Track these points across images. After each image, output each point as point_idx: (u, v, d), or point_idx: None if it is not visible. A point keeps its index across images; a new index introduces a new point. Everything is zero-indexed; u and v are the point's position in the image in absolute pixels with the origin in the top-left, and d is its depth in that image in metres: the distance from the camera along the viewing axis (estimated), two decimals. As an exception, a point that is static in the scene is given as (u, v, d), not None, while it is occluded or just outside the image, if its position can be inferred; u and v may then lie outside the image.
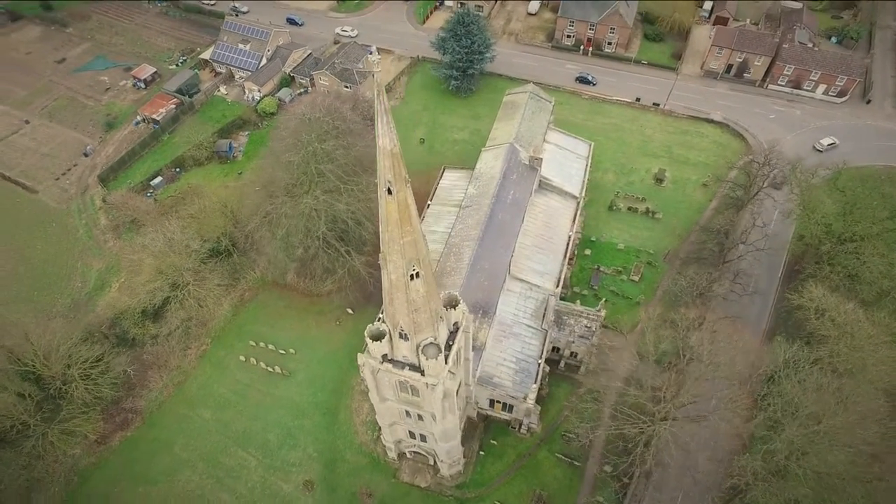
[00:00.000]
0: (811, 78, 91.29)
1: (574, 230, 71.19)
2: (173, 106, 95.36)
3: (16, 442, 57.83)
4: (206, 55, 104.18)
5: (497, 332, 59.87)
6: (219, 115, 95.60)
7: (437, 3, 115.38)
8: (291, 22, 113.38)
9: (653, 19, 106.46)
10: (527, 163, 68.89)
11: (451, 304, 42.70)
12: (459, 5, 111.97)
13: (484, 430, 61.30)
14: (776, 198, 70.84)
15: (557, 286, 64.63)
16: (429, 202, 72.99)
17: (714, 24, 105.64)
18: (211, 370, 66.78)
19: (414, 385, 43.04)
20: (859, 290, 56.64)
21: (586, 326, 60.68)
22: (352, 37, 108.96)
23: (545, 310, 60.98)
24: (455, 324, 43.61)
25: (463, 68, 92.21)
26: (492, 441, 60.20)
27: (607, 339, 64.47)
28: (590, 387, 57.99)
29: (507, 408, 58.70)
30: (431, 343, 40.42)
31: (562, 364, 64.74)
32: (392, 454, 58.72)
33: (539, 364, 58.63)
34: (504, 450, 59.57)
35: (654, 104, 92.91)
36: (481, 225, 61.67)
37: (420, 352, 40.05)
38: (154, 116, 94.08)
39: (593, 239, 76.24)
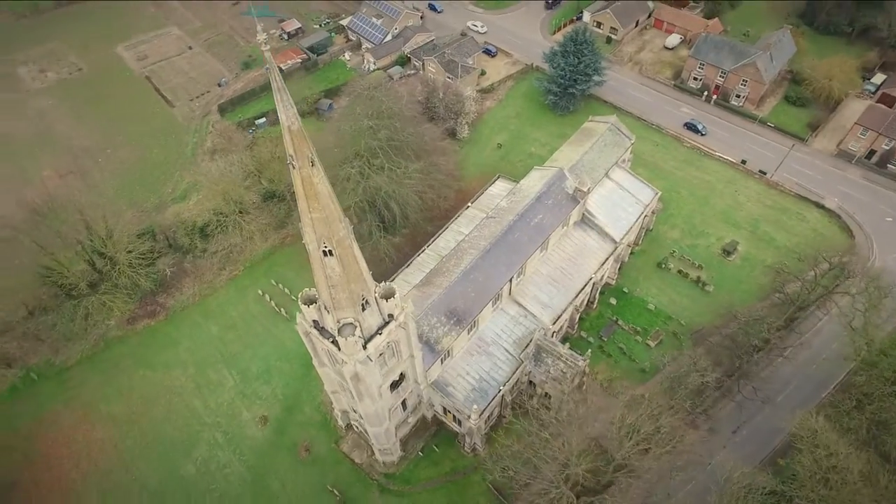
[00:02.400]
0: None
1: (601, 274, 67.70)
2: (300, 60, 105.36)
3: (75, 298, 69.96)
4: (345, 22, 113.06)
5: (473, 345, 59.58)
6: (333, 77, 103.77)
7: (575, 17, 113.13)
8: (431, 8, 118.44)
9: (801, 80, 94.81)
10: (570, 192, 66.46)
11: (386, 295, 43.82)
12: (595, 25, 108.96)
13: (433, 434, 61.60)
14: (843, 308, 60.88)
15: (555, 323, 62.34)
16: (469, 204, 73.69)
17: (878, 102, 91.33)
18: (233, 294, 74.40)
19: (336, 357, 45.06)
20: (885, 441, 47.42)
21: (562, 371, 57.87)
22: (480, 33, 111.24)
23: (530, 341, 59.35)
24: (390, 315, 44.68)
25: (564, 86, 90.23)
26: (434, 447, 60.31)
27: (594, 393, 61.20)
28: (542, 434, 55.22)
29: (458, 420, 58.42)
30: (350, 324, 42.05)
31: (534, 400, 62.38)
32: (341, 422, 61.56)
33: (500, 390, 57.50)
34: (442, 459, 59.45)
35: (759, 171, 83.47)
36: (492, 238, 61.09)
37: (338, 329, 41.89)
38: (280, 65, 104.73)
39: (625, 290, 71.52)
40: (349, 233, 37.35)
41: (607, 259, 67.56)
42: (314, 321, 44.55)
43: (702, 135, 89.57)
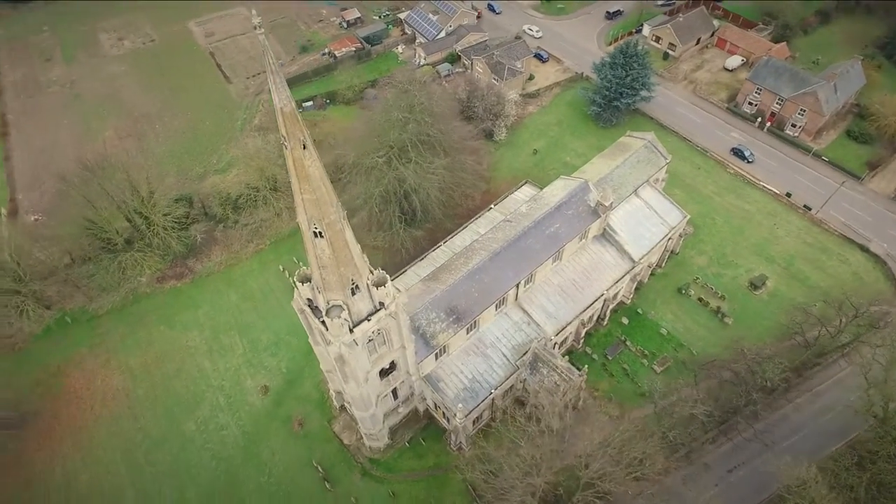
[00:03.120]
0: None
1: (614, 292, 66.41)
2: (353, 49, 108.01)
3: (113, 252, 74.85)
4: (402, 15, 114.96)
5: (471, 345, 59.81)
6: (384, 68, 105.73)
7: (634, 30, 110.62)
8: (490, 8, 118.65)
9: (868, 115, 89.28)
10: (592, 205, 65.42)
11: (378, 283, 44.79)
12: (654, 39, 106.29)
13: (423, 427, 62.30)
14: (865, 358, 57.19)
15: (558, 334, 61.77)
16: (492, 206, 73.79)
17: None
18: (256, 266, 77.48)
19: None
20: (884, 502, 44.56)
21: (556, 383, 57.25)
22: (535, 37, 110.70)
23: (528, 348, 59.08)
24: (381, 303, 45.64)
25: (609, 98, 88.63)
26: (422, 440, 61.01)
27: (590, 411, 60.56)
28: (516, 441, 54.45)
29: (447, 417, 58.86)
30: (338, 305, 43.29)
31: (527, 409, 61.98)
32: (336, 403, 63.22)
33: (491, 393, 57.57)
34: (427, 452, 60.09)
35: (804, 206, 79.34)
36: (504, 242, 61.00)
37: (326, 310, 43.22)
38: (335, 52, 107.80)
39: (639, 311, 69.80)
40: (341, 218, 38.52)
41: (622, 277, 66.21)
42: (308, 299, 46.07)
43: (748, 162, 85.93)
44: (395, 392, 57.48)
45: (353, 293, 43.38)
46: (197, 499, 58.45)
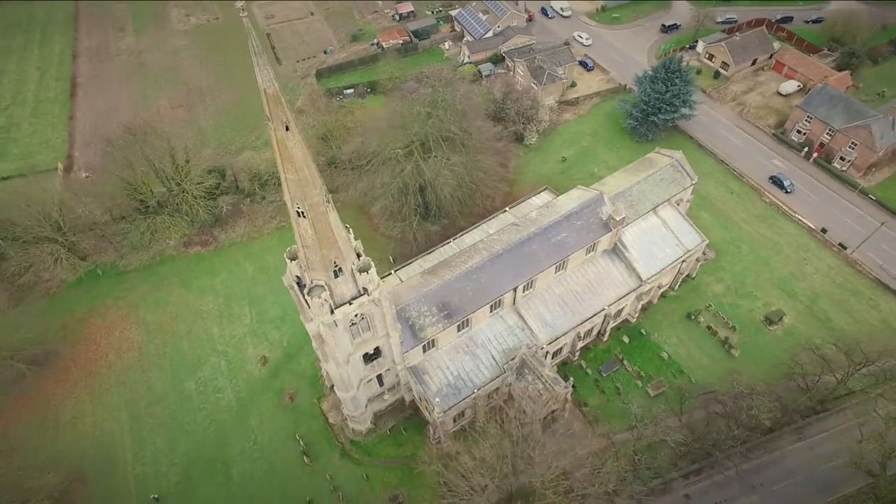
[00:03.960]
0: None
1: (616, 308, 65.22)
2: (401, 41, 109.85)
3: (146, 214, 79.52)
4: (454, 12, 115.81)
5: (461, 343, 60.21)
6: (426, 62, 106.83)
7: (688, 45, 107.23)
8: (544, 12, 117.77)
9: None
10: (604, 218, 64.35)
11: (363, 269, 45.95)
12: (707, 56, 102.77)
13: (407, 417, 63.25)
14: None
15: (550, 343, 61.35)
16: (507, 209, 73.69)
17: None
18: (275, 242, 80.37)
19: (309, 315, 48.01)
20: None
21: (539, 391, 56.91)
22: (584, 45, 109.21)
23: (517, 354, 58.98)
24: (364, 288, 46.82)
25: (647, 112, 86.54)
26: (403, 430, 62.00)
27: (571, 424, 60.11)
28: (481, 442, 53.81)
29: (429, 410, 59.58)
30: (320, 286, 44.77)
31: (512, 413, 61.84)
32: (327, 382, 65.06)
33: (474, 392, 57.88)
34: (407, 442, 61.02)
35: (839, 244, 75.09)
36: (506, 245, 60.97)
37: (308, 289, 44.79)
38: (383, 43, 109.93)
39: (643, 331, 68.19)
40: (325, 201, 39.86)
41: (627, 295, 64.93)
42: (298, 276, 47.77)
43: (787, 192, 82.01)
44: (380, 379, 58.76)
45: (336, 275, 44.76)
46: (185, 454, 61.63)
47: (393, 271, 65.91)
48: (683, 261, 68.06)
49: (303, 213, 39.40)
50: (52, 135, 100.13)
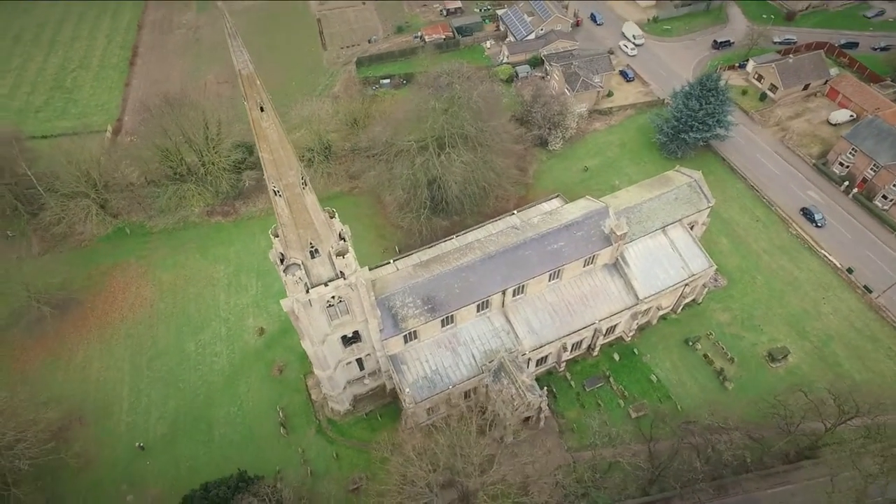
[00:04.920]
0: None
1: (608, 325, 64.08)
2: (443, 37, 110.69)
3: (176, 181, 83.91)
4: (500, 12, 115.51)
5: (444, 338, 60.71)
6: (465, 59, 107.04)
7: (738, 64, 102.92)
8: (592, 18, 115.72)
9: (982, 205, 77.18)
10: (605, 231, 63.18)
11: (340, 252, 47.19)
12: (756, 77, 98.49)
13: (386, 404, 64.39)
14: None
15: (533, 351, 61.02)
16: (515, 211, 73.36)
17: None
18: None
19: (289, 292, 49.72)
20: None
21: (511, 396, 56.76)
22: (629, 55, 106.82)
23: (496, 356, 59.03)
24: (341, 272, 48.10)
25: (677, 129, 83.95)
26: (379, 416, 63.22)
27: (552, 437, 59.80)
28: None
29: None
30: (296, 264, 46.37)
31: (487, 415, 61.97)
32: (315, 359, 67.04)
33: (448, 388, 58.41)
34: (380, 428, 61.93)
35: (864, 287, 70.77)
36: (501, 247, 60.86)
37: (285, 267, 46.50)
38: (426, 37, 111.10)
39: (635, 351, 66.64)
40: (301, 182, 41.26)
41: (621, 312, 63.66)
42: (281, 253, 49.56)
43: (817, 226, 77.83)
44: (360, 363, 60.15)
45: (313, 256, 46.23)
46: (175, 409, 65.12)
47: (392, 261, 67.01)
48: (687, 284, 65.98)
49: (278, 192, 40.92)
50: (107, 98, 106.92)
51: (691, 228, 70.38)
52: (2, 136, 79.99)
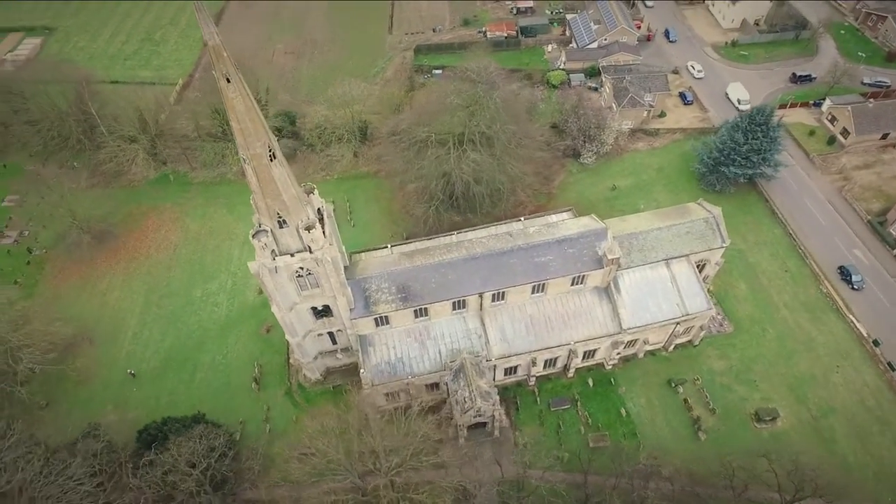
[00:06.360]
0: None
1: (585, 349, 62.46)
2: (505, 35, 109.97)
3: (219, 139, 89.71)
4: (570, 16, 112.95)
5: (416, 329, 61.41)
6: (525, 61, 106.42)
7: (813, 102, 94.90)
8: (666, 35, 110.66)
9: None
10: (599, 253, 61.20)
11: (307, 227, 49.13)
12: (829, 118, 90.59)
13: (356, 382, 66.20)
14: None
15: (500, 359, 60.66)
16: (523, 218, 72.52)
17: None
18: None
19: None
20: None
21: (466, 398, 56.87)
22: (695, 77, 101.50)
23: (460, 357, 59.28)
24: (309, 246, 50.17)
25: (717, 161, 79.17)
26: (345, 390, 65.08)
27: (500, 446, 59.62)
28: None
29: (367, 381, 62.13)
30: (264, 230, 48.85)
31: (441, 413, 62.38)
32: (301, 326, 70.04)
33: (407, 378, 59.46)
34: (342, 403, 63.95)
35: (888, 363, 64.12)
36: (487, 250, 60.58)
37: (255, 232, 49.14)
38: (488, 32, 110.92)
39: (612, 381, 64.40)
40: (268, 154, 43.35)
41: (600, 338, 61.72)
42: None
43: (852, 288, 71.14)
44: (333, 337, 62.37)
45: (281, 226, 48.53)
46: (169, 346, 70.50)
47: (389, 246, 68.47)
48: (678, 323, 62.73)
49: (246, 160, 43.32)
50: (186, 55, 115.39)
51: (702, 267, 66.87)
52: (76, 77, 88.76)
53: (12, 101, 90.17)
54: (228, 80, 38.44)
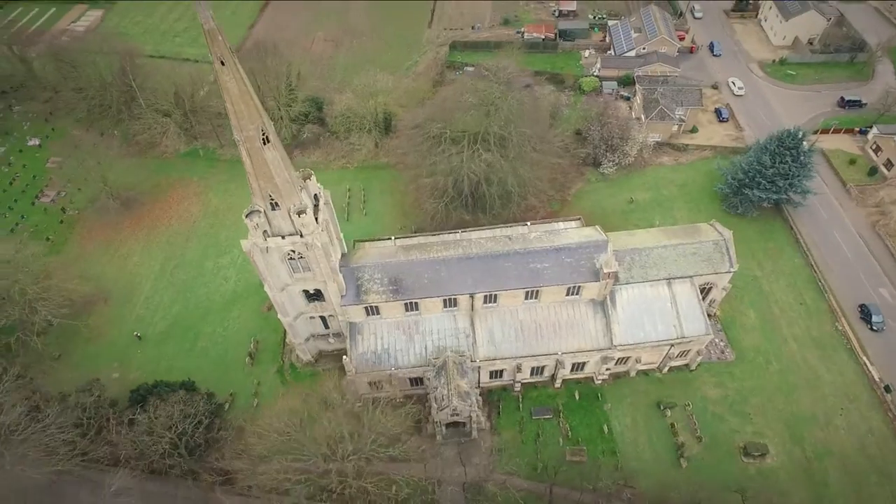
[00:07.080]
0: None
1: (573, 360, 61.62)
2: (542, 37, 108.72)
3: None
4: (611, 23, 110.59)
5: (406, 322, 61.87)
6: (559, 64, 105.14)
7: (859, 129, 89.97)
8: (710, 48, 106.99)
9: None
10: (596, 266, 60.05)
11: (298, 211, 50.28)
12: (873, 147, 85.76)
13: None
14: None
15: (485, 361, 60.56)
16: (529, 223, 71.83)
17: None
18: (335, 177, 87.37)
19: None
20: None
21: (444, 396, 57.05)
22: (735, 94, 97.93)
23: (444, 354, 59.52)
24: (300, 230, 51.37)
25: (741, 182, 76.22)
26: (325, 371, 66.38)
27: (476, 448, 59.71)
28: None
29: (355, 369, 63.14)
30: (257, 211, 50.31)
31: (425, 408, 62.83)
32: (300, 308, 71.76)
33: (391, 370, 60.14)
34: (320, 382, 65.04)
35: (898, 413, 60.61)
36: (483, 252, 60.45)
37: (248, 212, 50.66)
38: (526, 33, 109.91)
39: (599, 396, 63.28)
40: (261, 137, 44.58)
41: (589, 352, 60.71)
42: (260, 200, 53.80)
43: (871, 328, 67.37)
44: (325, 321, 63.66)
45: (273, 208, 49.87)
46: (176, 314, 73.44)
47: (392, 238, 69.23)
48: (673, 345, 60.97)
49: (239, 142, 44.67)
50: (232, 35, 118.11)
51: (707, 291, 64.89)
52: (120, 50, 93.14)
53: (63, 69, 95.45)
54: (223, 63, 39.77)
